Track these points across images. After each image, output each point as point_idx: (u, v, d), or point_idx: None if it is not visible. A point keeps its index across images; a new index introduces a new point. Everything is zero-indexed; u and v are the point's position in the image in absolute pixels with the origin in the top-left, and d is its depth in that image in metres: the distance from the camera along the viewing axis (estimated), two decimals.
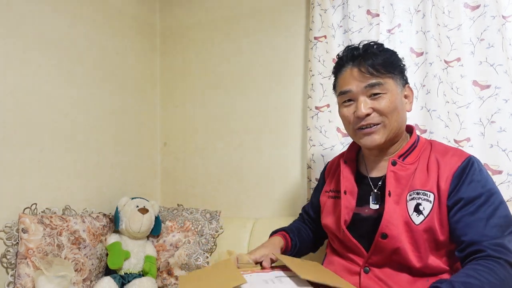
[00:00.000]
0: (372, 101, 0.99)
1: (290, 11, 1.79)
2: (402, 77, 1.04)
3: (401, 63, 1.05)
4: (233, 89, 1.89)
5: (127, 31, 1.89)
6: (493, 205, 0.90)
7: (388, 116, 0.99)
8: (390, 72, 0.99)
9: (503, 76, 1.32)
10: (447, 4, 1.42)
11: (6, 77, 1.32)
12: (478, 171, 0.93)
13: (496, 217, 0.89)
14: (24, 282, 1.20)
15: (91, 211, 1.57)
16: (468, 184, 0.92)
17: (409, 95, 1.06)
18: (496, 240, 0.85)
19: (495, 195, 0.92)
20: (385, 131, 1.00)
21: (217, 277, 0.97)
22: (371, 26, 1.52)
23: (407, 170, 0.99)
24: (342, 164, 1.13)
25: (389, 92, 0.99)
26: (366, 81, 0.99)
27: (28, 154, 1.37)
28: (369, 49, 1.02)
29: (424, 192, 0.95)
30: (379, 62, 0.98)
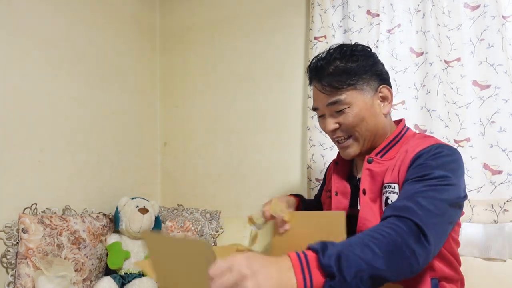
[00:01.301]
0: (338, 116, 0.98)
1: (290, 11, 1.79)
2: (376, 79, 0.99)
3: (371, 64, 0.99)
4: (233, 89, 1.89)
5: (127, 31, 1.89)
6: (432, 186, 0.81)
7: (356, 129, 0.98)
8: (350, 84, 0.95)
9: (503, 76, 1.32)
10: (447, 4, 1.42)
11: (6, 77, 1.32)
12: (436, 157, 0.86)
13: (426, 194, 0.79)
14: (24, 282, 1.20)
15: (91, 211, 1.57)
16: (417, 166, 0.87)
17: (387, 95, 1.00)
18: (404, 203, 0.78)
19: (444, 181, 0.82)
20: (358, 143, 1.00)
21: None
22: (371, 26, 1.52)
23: (382, 166, 0.96)
24: (334, 165, 1.13)
25: (353, 104, 0.96)
26: (326, 99, 0.98)
27: (28, 154, 1.37)
28: (330, 59, 0.98)
29: (389, 185, 0.93)
30: (336, 78, 0.95)
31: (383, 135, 1.01)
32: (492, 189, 1.31)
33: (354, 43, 1.04)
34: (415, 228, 0.72)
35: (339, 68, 0.97)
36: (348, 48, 1.00)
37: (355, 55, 0.98)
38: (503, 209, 1.28)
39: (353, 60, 0.97)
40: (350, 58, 0.98)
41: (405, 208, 0.76)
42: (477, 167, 1.34)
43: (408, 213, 0.74)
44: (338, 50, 0.99)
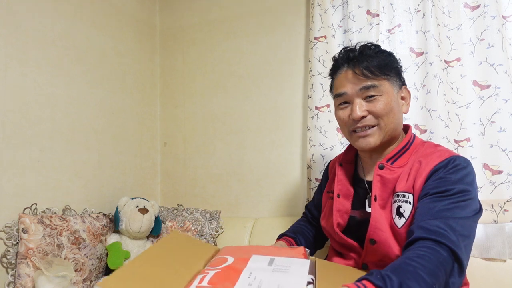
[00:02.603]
0: (368, 103, 0.98)
1: (290, 11, 1.79)
2: (399, 79, 1.03)
3: (398, 64, 1.04)
4: (233, 89, 1.89)
5: (127, 31, 1.89)
6: (456, 203, 0.85)
7: (383, 118, 0.98)
8: (385, 74, 0.99)
9: (503, 76, 1.32)
10: (447, 4, 1.42)
11: (6, 77, 1.32)
12: (454, 170, 0.89)
13: (452, 213, 0.83)
14: (24, 282, 1.20)
15: (91, 211, 1.57)
16: (437, 180, 0.89)
17: (406, 96, 1.05)
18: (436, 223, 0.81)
19: (466, 196, 0.86)
20: (380, 133, 0.99)
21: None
22: (371, 26, 1.52)
23: (393, 173, 0.98)
24: (338, 167, 1.13)
25: (385, 94, 0.98)
26: (361, 83, 0.98)
27: (27, 154, 1.37)
28: (365, 51, 1.01)
29: (402, 194, 0.94)
30: (374, 64, 0.98)
31: (398, 135, 1.04)
32: (492, 189, 1.31)
33: (377, 44, 1.06)
34: (452, 257, 0.77)
35: (385, 58, 1.00)
36: (376, 46, 1.03)
37: (385, 52, 1.03)
38: (503, 209, 1.28)
39: (386, 56, 1.02)
40: (382, 53, 1.02)
41: (439, 232, 0.79)
42: (477, 167, 1.34)
43: (444, 237, 0.78)
44: (368, 46, 1.02)
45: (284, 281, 0.75)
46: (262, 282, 0.75)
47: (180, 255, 0.90)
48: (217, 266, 0.83)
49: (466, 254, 0.81)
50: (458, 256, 0.78)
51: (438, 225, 0.81)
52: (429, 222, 0.82)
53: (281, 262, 0.85)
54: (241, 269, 0.81)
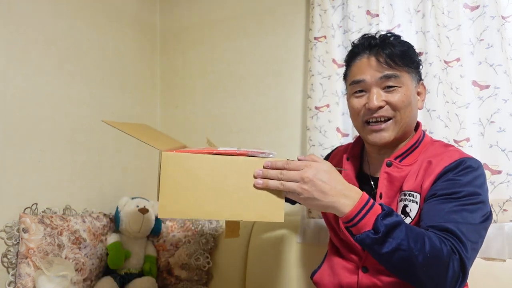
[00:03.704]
0: (386, 93, 0.94)
1: (290, 11, 1.79)
2: (418, 73, 1.00)
3: (417, 58, 1.01)
4: (233, 89, 1.89)
5: (127, 31, 1.89)
6: (465, 206, 0.83)
7: (400, 111, 0.94)
8: (407, 65, 0.95)
9: (503, 76, 1.32)
10: (446, 5, 1.42)
11: (7, 77, 1.32)
12: (464, 173, 0.87)
13: (461, 216, 0.82)
14: (24, 282, 1.20)
15: (91, 211, 1.57)
16: (446, 181, 0.87)
17: (422, 92, 1.02)
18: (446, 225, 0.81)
19: (475, 199, 0.84)
20: (395, 128, 0.96)
21: None
22: (371, 26, 1.52)
23: (401, 172, 0.95)
24: (345, 161, 1.10)
25: (404, 86, 0.95)
26: (382, 71, 0.94)
27: (28, 154, 1.37)
28: (387, 39, 0.97)
29: (410, 193, 0.92)
30: (397, 53, 0.94)
31: (410, 131, 1.01)
32: (491, 189, 1.31)
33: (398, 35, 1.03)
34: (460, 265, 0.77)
35: (408, 49, 0.97)
36: (397, 36, 1.01)
37: (406, 43, 1.00)
38: (503, 209, 1.28)
39: (408, 47, 0.99)
40: (405, 45, 0.99)
41: (454, 239, 0.78)
42: None
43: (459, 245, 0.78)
44: (390, 36, 0.99)
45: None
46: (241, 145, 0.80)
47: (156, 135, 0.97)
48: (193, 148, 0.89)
49: (471, 261, 0.81)
50: (465, 267, 0.77)
51: (451, 230, 0.79)
52: (442, 225, 0.81)
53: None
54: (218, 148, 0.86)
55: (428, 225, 0.83)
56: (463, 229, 0.79)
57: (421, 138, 1.00)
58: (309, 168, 0.79)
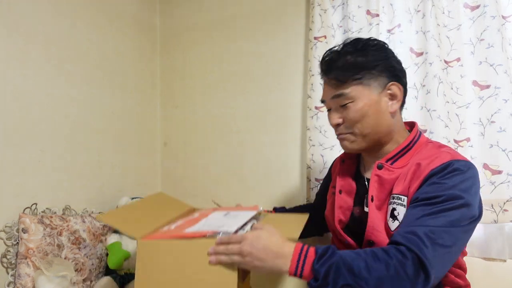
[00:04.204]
0: (342, 110, 0.98)
1: (290, 11, 1.79)
2: (386, 75, 0.97)
3: (382, 60, 0.96)
4: (233, 89, 1.89)
5: (127, 31, 1.89)
6: (443, 210, 0.81)
7: (357, 125, 0.97)
8: (356, 79, 0.95)
9: (503, 76, 1.32)
10: (447, 4, 1.42)
11: (6, 77, 1.32)
12: (450, 176, 0.84)
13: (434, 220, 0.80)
14: (24, 282, 1.20)
15: (91, 211, 1.57)
16: (430, 185, 0.86)
17: (396, 93, 0.97)
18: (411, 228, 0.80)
19: (455, 203, 0.81)
20: (356, 139, 0.99)
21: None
22: (371, 26, 1.52)
23: (392, 174, 0.95)
24: (340, 163, 1.13)
25: (357, 99, 0.95)
26: (332, 92, 0.99)
27: (28, 154, 1.37)
28: (339, 53, 0.99)
29: (398, 196, 0.92)
30: (342, 72, 0.96)
31: (388, 136, 0.99)
32: (492, 189, 1.31)
33: (370, 37, 1.03)
34: (418, 266, 0.75)
35: (347, 62, 0.96)
36: (361, 42, 0.99)
37: (367, 49, 0.97)
38: (503, 209, 1.28)
39: (363, 54, 0.96)
40: (361, 52, 0.97)
41: (414, 239, 0.78)
42: (477, 167, 1.33)
43: (416, 246, 0.76)
44: (351, 43, 0.99)
45: (227, 223, 0.97)
46: (212, 223, 0.99)
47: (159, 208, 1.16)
48: (185, 218, 1.09)
49: (440, 264, 0.78)
50: (425, 266, 0.75)
51: (415, 232, 0.79)
52: (408, 229, 0.81)
53: (234, 213, 1.08)
54: (201, 219, 1.05)
55: (398, 230, 0.83)
56: (429, 232, 0.78)
57: (415, 139, 0.99)
58: (246, 240, 0.82)
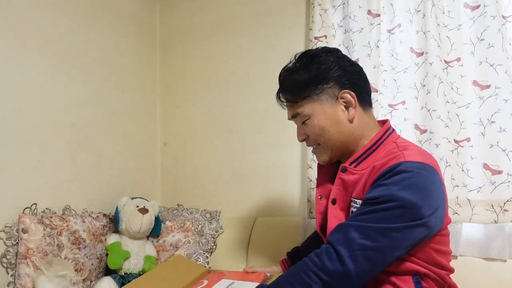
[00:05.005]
0: (304, 127, 1.01)
1: (290, 11, 1.79)
2: (336, 85, 0.95)
3: (328, 71, 0.95)
4: (233, 89, 1.89)
5: (127, 31, 1.89)
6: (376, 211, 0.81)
7: (319, 138, 0.99)
8: (305, 96, 0.97)
9: (503, 76, 1.32)
10: (447, 4, 1.42)
11: (6, 77, 1.32)
12: (394, 177, 0.82)
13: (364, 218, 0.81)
14: (24, 282, 1.20)
15: (91, 211, 1.57)
16: (374, 187, 0.85)
17: (349, 100, 0.95)
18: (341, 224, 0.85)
19: (389, 204, 0.80)
20: (326, 150, 1.01)
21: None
22: (372, 26, 1.52)
23: (354, 176, 0.94)
24: (319, 169, 1.11)
25: (312, 115, 0.98)
26: (290, 112, 1.03)
27: (28, 154, 1.37)
28: (287, 73, 1.02)
29: (354, 200, 0.92)
30: (290, 93, 1.00)
31: (354, 141, 0.98)
32: (492, 189, 1.31)
33: (319, 47, 1.02)
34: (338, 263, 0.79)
35: (294, 81, 0.99)
36: (306, 56, 1.00)
37: (311, 64, 0.97)
38: (503, 209, 1.28)
39: (307, 70, 0.97)
40: (305, 69, 0.97)
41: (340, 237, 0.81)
42: (477, 167, 1.34)
43: (339, 243, 0.80)
44: (298, 59, 1.01)
45: None
46: None
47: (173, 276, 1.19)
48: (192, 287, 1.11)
49: (367, 263, 0.79)
50: (345, 263, 0.78)
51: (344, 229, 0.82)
52: (339, 227, 0.85)
53: (237, 285, 1.08)
54: None
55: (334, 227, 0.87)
56: (359, 230, 0.80)
57: (383, 139, 0.96)
58: None
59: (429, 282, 0.89)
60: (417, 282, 0.87)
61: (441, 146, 1.37)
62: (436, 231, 0.87)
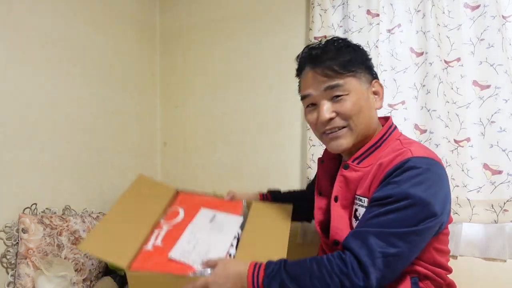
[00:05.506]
0: (335, 104, 0.92)
1: (290, 11, 1.79)
2: (369, 73, 0.97)
3: (366, 58, 0.97)
4: (233, 89, 1.89)
5: (127, 31, 1.89)
6: (390, 212, 0.80)
7: (353, 119, 0.92)
8: (350, 71, 0.92)
9: (503, 76, 1.32)
10: (447, 4, 1.42)
11: (6, 77, 1.32)
12: (403, 174, 0.82)
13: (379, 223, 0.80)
14: (24, 282, 1.20)
15: (91, 211, 1.57)
16: (384, 185, 0.84)
17: (379, 91, 0.98)
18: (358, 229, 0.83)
19: (404, 203, 0.79)
20: (352, 134, 0.94)
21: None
22: (371, 26, 1.52)
23: (357, 174, 0.93)
24: (319, 164, 1.10)
25: (352, 92, 0.92)
26: (325, 83, 0.92)
27: (28, 154, 1.37)
28: (327, 47, 0.95)
29: (359, 198, 0.91)
30: (337, 62, 0.92)
31: (372, 133, 0.97)
32: (492, 189, 1.31)
33: (344, 38, 1.02)
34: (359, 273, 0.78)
35: (342, 54, 0.93)
36: (341, 40, 0.98)
37: (350, 46, 0.96)
38: (503, 209, 1.28)
39: (354, 49, 0.96)
40: (351, 47, 0.96)
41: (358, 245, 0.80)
42: (477, 167, 1.34)
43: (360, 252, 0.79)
44: (333, 41, 0.97)
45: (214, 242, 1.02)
46: (198, 241, 1.02)
47: (143, 205, 1.15)
48: (170, 221, 1.11)
49: (387, 269, 0.78)
50: (367, 273, 0.77)
51: (362, 236, 0.81)
52: (358, 231, 0.83)
53: (220, 219, 1.12)
54: (187, 225, 1.08)
55: (350, 232, 0.86)
56: (377, 237, 0.79)
57: (386, 136, 0.95)
58: (210, 286, 0.88)
59: (426, 283, 0.90)
60: (414, 283, 0.87)
61: (441, 146, 1.37)
62: (442, 228, 0.88)
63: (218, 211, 1.16)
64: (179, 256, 0.97)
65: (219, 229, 1.08)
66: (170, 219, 1.12)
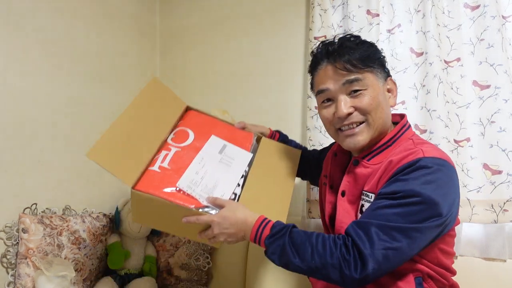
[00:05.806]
0: (353, 99, 0.92)
1: (290, 11, 1.79)
2: (383, 70, 0.97)
3: (381, 55, 0.97)
4: (233, 89, 1.89)
5: (127, 31, 1.89)
6: (396, 206, 0.80)
7: (371, 114, 0.92)
8: (369, 66, 0.92)
9: (503, 76, 1.32)
10: (447, 4, 1.42)
11: (6, 77, 1.32)
12: (413, 173, 0.81)
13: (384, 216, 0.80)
14: (24, 282, 1.20)
15: (91, 211, 1.57)
16: (392, 182, 0.84)
17: (392, 88, 0.99)
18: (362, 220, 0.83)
19: (411, 200, 0.79)
20: (369, 130, 0.93)
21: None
22: (371, 26, 1.52)
23: (366, 170, 0.93)
24: (332, 157, 1.10)
25: (370, 87, 0.92)
26: (344, 77, 0.92)
27: (28, 154, 1.37)
28: (345, 43, 0.94)
29: (366, 193, 0.91)
30: (356, 57, 0.91)
31: (387, 130, 0.97)
32: (492, 189, 1.31)
33: (357, 35, 1.01)
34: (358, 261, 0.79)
35: (360, 50, 0.93)
36: (357, 37, 0.98)
37: (367, 42, 0.97)
38: (503, 209, 1.28)
39: (371, 46, 0.96)
40: (364, 44, 0.95)
41: (361, 234, 0.80)
42: (477, 167, 1.34)
43: (362, 241, 0.79)
44: (349, 37, 0.96)
45: (222, 179, 1.01)
46: (206, 173, 1.01)
47: (154, 115, 1.10)
48: (179, 144, 1.07)
49: (385, 262, 0.78)
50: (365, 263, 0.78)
51: (365, 226, 0.81)
52: (361, 221, 0.83)
53: (229, 152, 1.09)
54: (197, 152, 1.05)
55: (354, 221, 0.86)
56: (379, 228, 0.79)
57: (399, 134, 0.95)
58: (214, 225, 0.93)
59: (430, 283, 0.90)
60: (419, 283, 0.87)
61: (441, 146, 1.37)
62: (447, 230, 0.87)
63: (228, 142, 1.13)
64: (186, 187, 0.97)
65: (228, 163, 1.06)
66: (179, 141, 1.08)
